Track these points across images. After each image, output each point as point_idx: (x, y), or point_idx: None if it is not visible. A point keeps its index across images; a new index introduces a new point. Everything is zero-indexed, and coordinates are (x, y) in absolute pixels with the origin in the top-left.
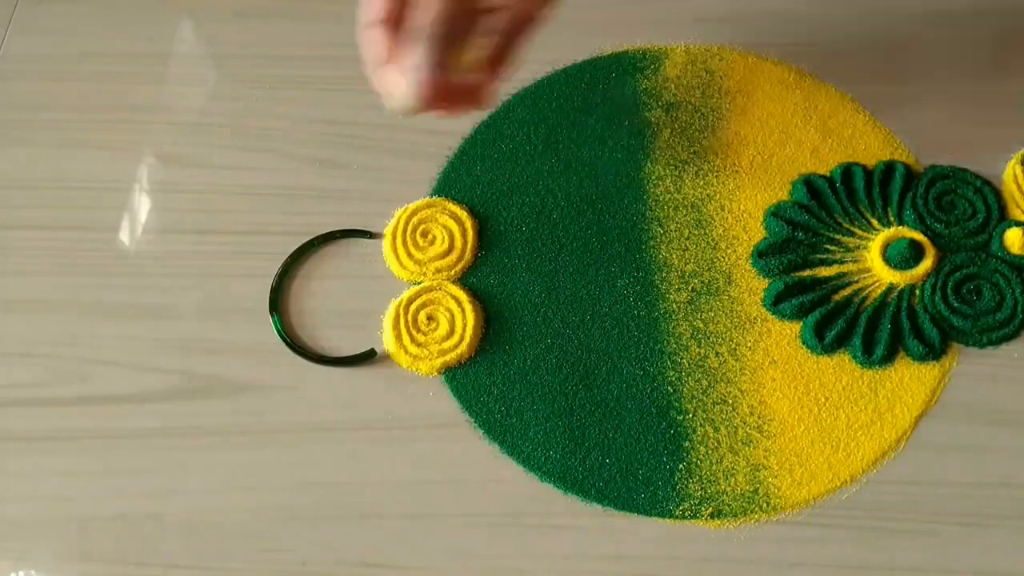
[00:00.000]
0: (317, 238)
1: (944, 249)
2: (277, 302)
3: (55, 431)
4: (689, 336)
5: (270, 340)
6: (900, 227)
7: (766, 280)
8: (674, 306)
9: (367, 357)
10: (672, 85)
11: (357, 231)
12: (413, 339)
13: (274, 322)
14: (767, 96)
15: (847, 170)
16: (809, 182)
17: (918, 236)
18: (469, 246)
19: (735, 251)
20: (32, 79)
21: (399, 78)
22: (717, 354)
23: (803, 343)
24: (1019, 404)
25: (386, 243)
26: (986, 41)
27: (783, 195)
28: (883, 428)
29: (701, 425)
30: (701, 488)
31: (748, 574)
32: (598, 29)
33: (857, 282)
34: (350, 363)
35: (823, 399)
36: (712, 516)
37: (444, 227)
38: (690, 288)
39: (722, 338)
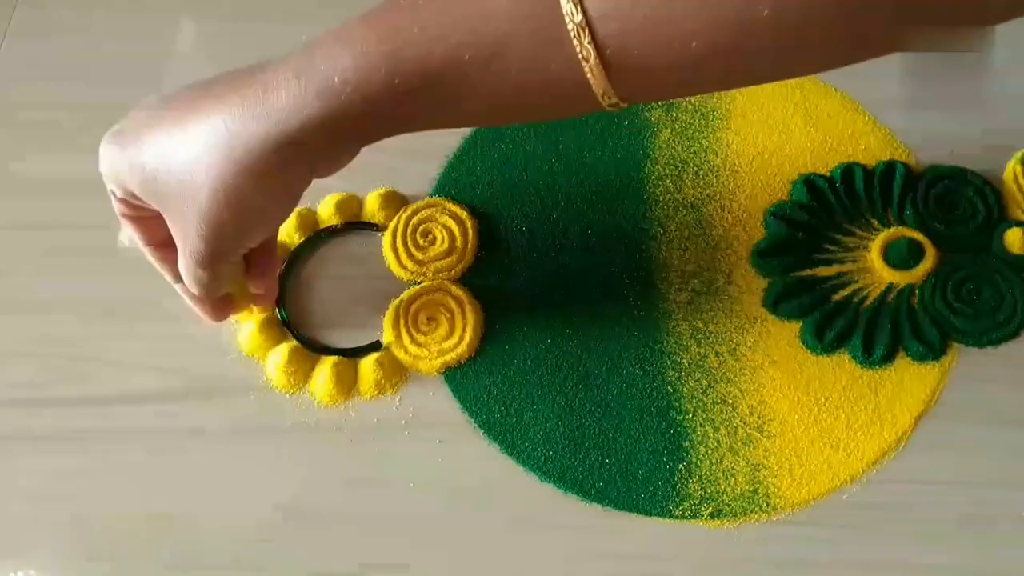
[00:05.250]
0: (324, 230)
1: (944, 249)
2: (284, 295)
3: (55, 431)
4: (689, 336)
5: None
6: (900, 227)
7: (766, 280)
8: (674, 306)
9: (373, 349)
10: None
11: (364, 223)
12: (413, 339)
13: (280, 314)
14: (767, 96)
15: (847, 170)
16: (809, 182)
17: (918, 236)
18: (469, 246)
19: (735, 251)
20: (32, 79)
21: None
22: (717, 354)
23: (803, 343)
24: (1019, 404)
25: (386, 243)
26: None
27: (783, 195)
28: (883, 428)
29: (701, 425)
30: (701, 488)
31: (748, 574)
32: None
33: (857, 282)
34: (355, 354)
35: (823, 399)
36: (712, 516)
37: (444, 227)
38: (690, 288)
39: (722, 338)
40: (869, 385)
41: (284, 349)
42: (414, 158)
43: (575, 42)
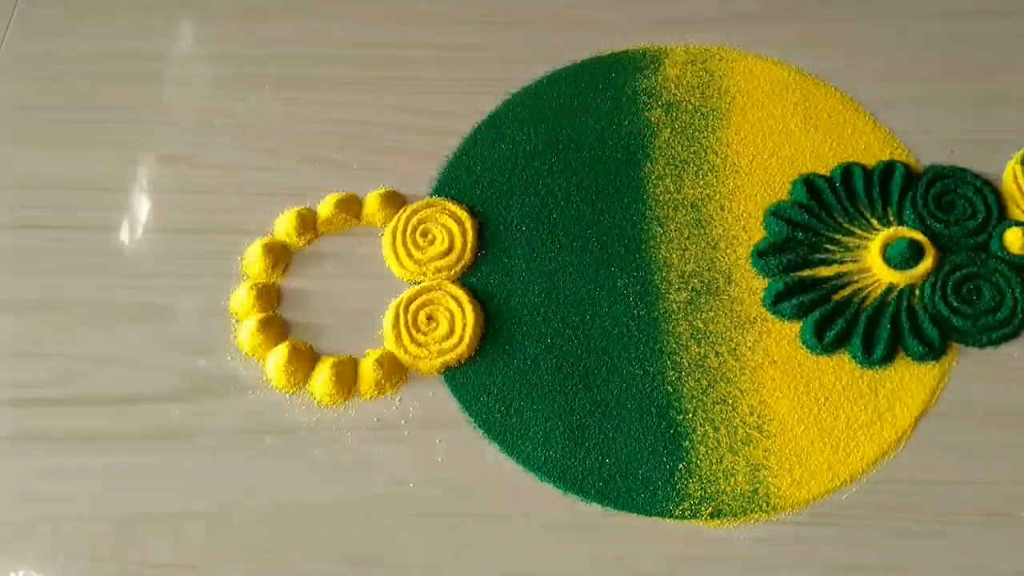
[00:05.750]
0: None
1: (944, 249)
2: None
3: (55, 431)
4: (689, 336)
5: None
6: (900, 227)
7: (766, 280)
8: (674, 306)
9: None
10: (672, 85)
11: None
12: (413, 339)
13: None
14: (767, 96)
15: (847, 170)
16: (809, 182)
17: (918, 236)
18: (469, 246)
19: (735, 251)
20: (32, 79)
21: None
22: (717, 354)
23: (803, 343)
24: (1019, 404)
25: (386, 243)
26: (986, 41)
27: (783, 195)
28: (883, 428)
29: (701, 425)
30: (701, 488)
31: (748, 574)
32: (598, 29)
33: (857, 282)
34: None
35: (823, 399)
36: (712, 516)
37: (444, 227)
38: (690, 288)
39: (722, 338)
40: (869, 385)
41: (284, 349)
42: (414, 158)
43: None
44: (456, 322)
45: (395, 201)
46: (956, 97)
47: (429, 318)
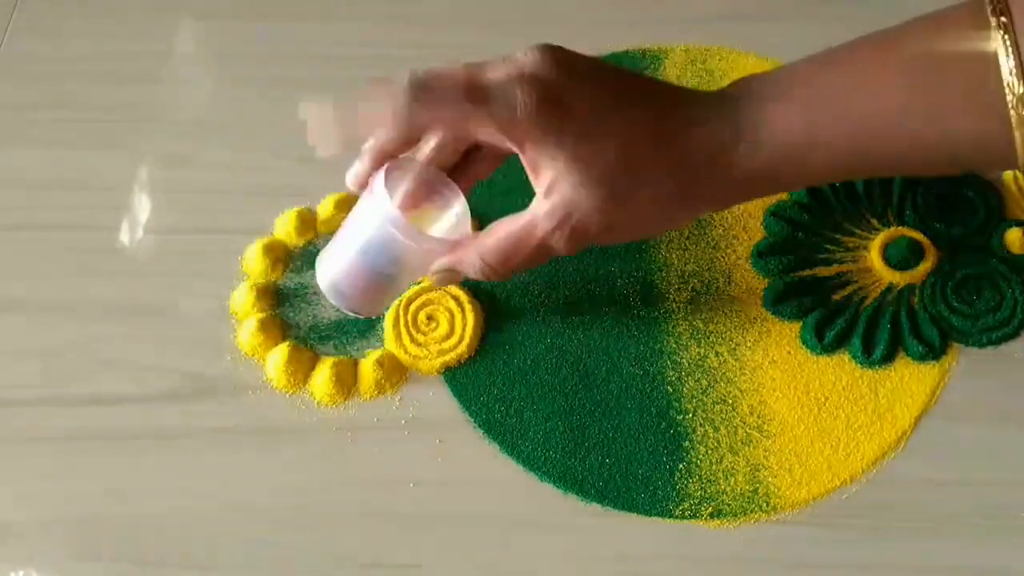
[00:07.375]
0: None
1: (944, 249)
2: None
3: (55, 431)
4: (689, 336)
5: None
6: (900, 227)
7: (766, 280)
8: (674, 306)
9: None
10: None
11: None
12: (413, 339)
13: None
14: None
15: None
16: None
17: (918, 236)
18: None
19: (735, 251)
20: (32, 79)
21: None
22: (717, 354)
23: (803, 343)
24: (1019, 404)
25: None
26: None
27: (783, 195)
28: (883, 428)
29: (701, 425)
30: (701, 488)
31: (748, 574)
32: (598, 28)
33: (857, 282)
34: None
35: (823, 399)
36: (712, 516)
37: None
38: (690, 288)
39: (722, 338)
40: (869, 385)
41: (284, 349)
42: None
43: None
44: (456, 322)
45: None
46: None
47: (429, 318)
